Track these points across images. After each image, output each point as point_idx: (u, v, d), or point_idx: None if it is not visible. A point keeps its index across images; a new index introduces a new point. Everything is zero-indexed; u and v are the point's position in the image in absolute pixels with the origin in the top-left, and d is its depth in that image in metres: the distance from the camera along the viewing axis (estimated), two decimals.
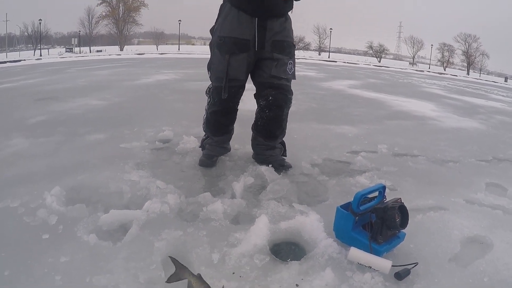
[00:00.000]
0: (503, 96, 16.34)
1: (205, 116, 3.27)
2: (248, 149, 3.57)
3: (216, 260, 1.88)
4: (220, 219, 2.28)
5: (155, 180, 2.79)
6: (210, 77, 3.04)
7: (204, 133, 3.46)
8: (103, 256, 1.88)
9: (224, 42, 2.83)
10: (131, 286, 1.68)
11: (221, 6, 2.99)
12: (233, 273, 1.80)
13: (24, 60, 35.63)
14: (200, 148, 3.45)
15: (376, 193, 2.14)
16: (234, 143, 3.80)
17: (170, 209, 2.35)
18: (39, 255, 1.87)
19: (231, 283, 1.71)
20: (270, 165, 3.14)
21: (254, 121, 3.28)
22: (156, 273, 1.77)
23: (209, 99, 3.13)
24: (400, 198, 2.11)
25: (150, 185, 2.70)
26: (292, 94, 3.12)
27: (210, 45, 2.98)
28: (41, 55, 48.45)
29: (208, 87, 3.12)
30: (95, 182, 2.79)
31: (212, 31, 3.01)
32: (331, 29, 73.33)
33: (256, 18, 2.82)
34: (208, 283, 1.57)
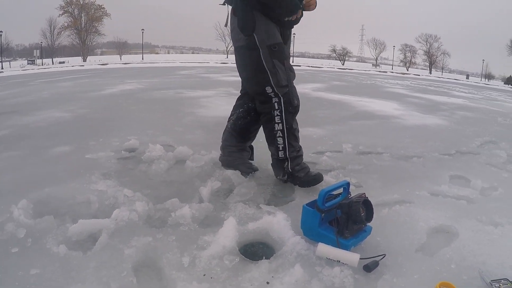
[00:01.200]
0: (464, 92, 16.81)
1: (284, 135, 2.91)
2: (214, 154, 3.61)
3: (186, 263, 1.89)
4: (188, 224, 2.30)
5: (122, 189, 2.78)
6: (271, 93, 2.82)
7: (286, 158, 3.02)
8: (74, 266, 1.87)
9: (278, 50, 2.76)
10: None
11: (244, 10, 2.76)
12: (204, 275, 1.82)
13: None
14: (290, 175, 3.04)
15: (341, 190, 2.19)
16: (200, 148, 3.82)
17: (138, 216, 2.35)
18: (9, 269, 1.84)
19: (203, 285, 1.73)
20: (237, 170, 3.15)
21: (233, 120, 3.22)
22: (127, 280, 1.77)
23: (281, 115, 2.86)
24: (364, 193, 2.16)
25: (118, 194, 2.68)
26: None
27: (253, 56, 2.79)
28: (2, 68, 47.24)
29: (273, 107, 2.85)
30: (62, 194, 2.75)
31: (244, 37, 2.78)
32: (294, 34, 73.96)
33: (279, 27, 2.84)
34: (180, 286, 1.59)
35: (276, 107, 2.83)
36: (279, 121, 2.85)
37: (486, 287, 1.76)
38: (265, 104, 2.88)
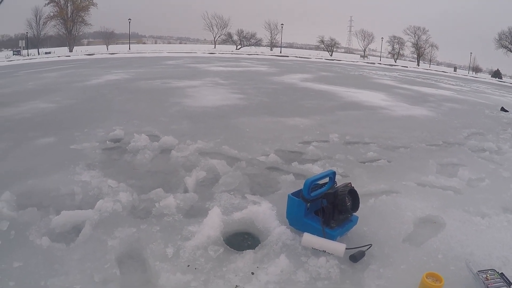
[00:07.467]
0: (452, 85, 16.89)
1: None
2: (200, 144, 3.60)
3: (170, 254, 1.88)
4: (173, 214, 2.28)
5: (106, 180, 2.75)
6: None
7: None
8: (57, 258, 1.85)
9: None
10: (86, 287, 1.66)
11: None
12: (188, 265, 1.80)
13: None
14: None
15: (327, 179, 2.18)
16: (185, 138, 3.79)
17: (122, 207, 2.32)
18: None
19: (187, 276, 1.72)
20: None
21: None
22: (111, 271, 1.75)
23: None
24: (350, 183, 2.14)
25: (102, 185, 2.65)
26: None
27: None
28: None
29: None
30: (46, 185, 2.71)
31: None
32: (282, 24, 73.55)
33: None
34: (164, 277, 1.58)
35: None
36: None
37: (473, 278, 1.77)
38: None
